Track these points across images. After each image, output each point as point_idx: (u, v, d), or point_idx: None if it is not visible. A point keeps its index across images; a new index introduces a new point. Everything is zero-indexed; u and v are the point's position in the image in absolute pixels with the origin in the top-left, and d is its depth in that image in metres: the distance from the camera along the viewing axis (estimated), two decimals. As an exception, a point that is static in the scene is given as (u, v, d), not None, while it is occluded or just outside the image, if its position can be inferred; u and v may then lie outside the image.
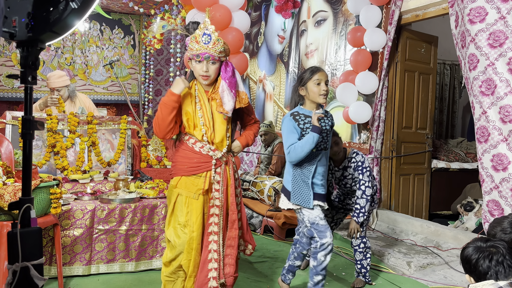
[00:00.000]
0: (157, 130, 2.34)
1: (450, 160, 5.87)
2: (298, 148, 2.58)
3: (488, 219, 3.28)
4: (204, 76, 2.31)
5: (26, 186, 1.46)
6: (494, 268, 1.77)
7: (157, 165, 4.44)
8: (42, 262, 1.44)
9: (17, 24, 1.37)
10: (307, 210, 2.68)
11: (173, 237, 2.35)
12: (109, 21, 7.64)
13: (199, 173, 2.37)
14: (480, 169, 3.26)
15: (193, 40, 2.29)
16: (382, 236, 4.47)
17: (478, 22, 3.17)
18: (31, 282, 1.40)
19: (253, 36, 7.50)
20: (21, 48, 1.42)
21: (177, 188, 2.37)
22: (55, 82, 4.48)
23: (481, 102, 3.18)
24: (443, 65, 7.50)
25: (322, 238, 2.65)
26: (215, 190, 2.39)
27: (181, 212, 2.35)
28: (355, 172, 3.15)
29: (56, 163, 3.81)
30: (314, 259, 2.69)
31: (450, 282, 3.34)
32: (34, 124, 1.45)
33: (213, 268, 2.33)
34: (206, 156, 2.37)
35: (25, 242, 1.39)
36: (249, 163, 7.09)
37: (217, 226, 2.37)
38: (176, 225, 2.35)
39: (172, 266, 2.38)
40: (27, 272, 1.39)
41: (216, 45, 2.27)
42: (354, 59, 4.93)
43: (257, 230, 4.66)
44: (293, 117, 2.66)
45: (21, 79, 1.44)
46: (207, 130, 2.36)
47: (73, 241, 3.10)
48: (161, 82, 8.25)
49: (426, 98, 5.24)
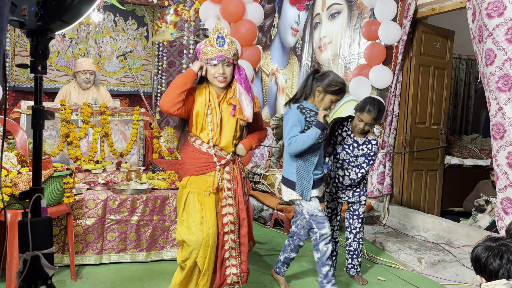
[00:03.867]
0: (163, 101, 2.29)
1: (464, 156, 5.80)
2: (299, 141, 2.61)
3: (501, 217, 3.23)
4: (222, 78, 2.32)
5: (36, 176, 1.46)
6: (505, 266, 1.75)
7: (169, 157, 4.46)
8: (53, 251, 1.44)
9: (26, 13, 1.36)
10: (306, 202, 2.72)
11: (187, 236, 2.33)
12: (123, 12, 7.65)
13: (207, 173, 2.40)
14: (495, 166, 3.21)
15: (207, 44, 2.30)
16: (393, 232, 4.44)
17: (496, 17, 3.10)
18: (41, 271, 1.40)
19: (266, 29, 7.46)
20: (31, 38, 1.41)
21: (187, 187, 2.39)
22: (89, 65, 4.73)
23: (497, 98, 3.12)
24: (458, 60, 7.39)
25: (321, 229, 2.70)
26: (227, 189, 2.42)
27: (195, 210, 2.35)
28: (361, 157, 3.07)
29: (69, 153, 3.85)
30: (317, 251, 2.73)
31: (461, 279, 3.31)
32: (44, 114, 1.44)
33: (230, 265, 2.40)
34: (213, 156, 2.40)
35: (36, 231, 1.38)
36: (260, 156, 7.08)
37: (233, 225, 2.42)
38: (191, 223, 2.34)
39: (186, 266, 2.35)
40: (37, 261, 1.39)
41: (230, 47, 2.30)
42: (368, 53, 4.88)
43: (267, 223, 4.66)
44: (300, 110, 2.68)
45: (31, 68, 1.43)
46: (214, 135, 2.38)
47: (85, 230, 3.13)
48: (174, 74, 8.26)
49: (440, 93, 5.17)
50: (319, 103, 2.70)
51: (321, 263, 2.72)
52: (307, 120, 2.66)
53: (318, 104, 2.70)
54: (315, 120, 2.67)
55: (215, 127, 2.37)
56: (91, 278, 2.99)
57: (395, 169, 4.97)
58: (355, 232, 3.21)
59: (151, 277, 3.07)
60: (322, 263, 2.72)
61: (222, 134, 2.40)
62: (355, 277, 3.24)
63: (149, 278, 3.04)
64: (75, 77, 4.78)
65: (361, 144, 3.08)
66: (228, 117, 2.40)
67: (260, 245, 3.93)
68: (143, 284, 2.94)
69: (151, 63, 7.97)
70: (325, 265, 2.71)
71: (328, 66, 5.89)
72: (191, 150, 2.42)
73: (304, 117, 2.65)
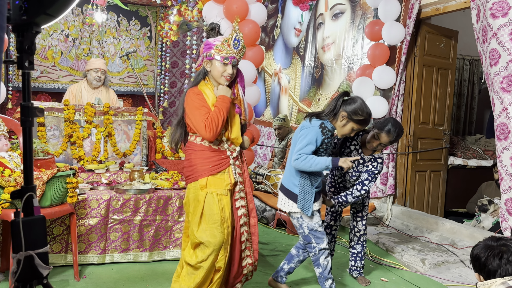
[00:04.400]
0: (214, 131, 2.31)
1: (468, 157, 5.77)
2: (308, 162, 2.57)
3: (505, 218, 3.22)
4: (229, 78, 2.42)
5: (27, 175, 1.42)
6: (504, 267, 1.75)
7: (172, 157, 4.46)
8: (47, 250, 1.42)
9: (11, 7, 1.33)
10: (307, 217, 2.68)
11: (207, 238, 2.33)
12: (126, 12, 7.67)
13: (222, 170, 2.42)
14: (499, 167, 3.20)
15: (225, 43, 2.37)
16: (396, 233, 4.43)
17: (501, 17, 3.09)
18: (35, 271, 1.38)
19: (269, 29, 7.46)
20: (16, 33, 1.38)
21: (207, 188, 2.38)
22: (101, 63, 4.78)
23: (501, 98, 3.11)
24: (462, 60, 7.36)
25: (320, 244, 2.69)
26: (240, 183, 2.49)
27: (216, 211, 2.36)
28: (365, 173, 2.97)
29: (72, 152, 3.86)
30: (318, 266, 2.71)
31: (465, 280, 3.30)
32: (33, 110, 1.41)
33: (246, 256, 2.51)
34: (224, 152, 2.45)
35: (29, 231, 1.36)
36: (262, 157, 7.08)
37: (246, 217, 2.51)
38: (211, 224, 2.35)
39: (203, 268, 2.34)
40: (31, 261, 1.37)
41: (241, 51, 2.42)
42: (371, 53, 4.87)
43: (270, 224, 4.66)
44: (321, 130, 2.63)
45: (18, 64, 1.39)
46: (226, 130, 2.44)
47: (88, 230, 3.14)
48: (177, 74, 8.27)
49: (444, 94, 5.15)
50: (340, 128, 2.66)
51: (323, 277, 2.71)
52: (324, 141, 2.64)
53: (339, 129, 2.66)
54: (330, 141, 2.67)
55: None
56: (94, 277, 2.99)
57: (399, 169, 4.96)
58: (359, 235, 3.19)
59: (154, 277, 3.07)
60: (324, 278, 2.71)
61: (233, 128, 2.46)
62: (358, 279, 3.23)
63: (151, 278, 3.04)
64: (85, 76, 4.81)
65: (367, 162, 2.99)
66: (233, 112, 2.49)
67: (263, 246, 3.92)
68: (145, 284, 2.94)
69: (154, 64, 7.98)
70: (328, 279, 2.71)
71: (331, 66, 5.88)
72: (200, 149, 2.42)
73: (323, 138, 2.63)
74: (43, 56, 7.26)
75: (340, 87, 5.70)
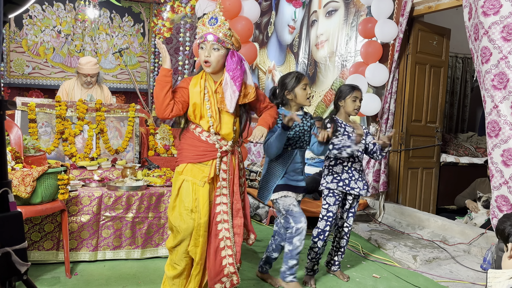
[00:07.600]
0: (156, 110, 2.31)
1: (460, 154, 5.81)
2: (269, 144, 2.68)
3: (496, 215, 3.24)
4: (206, 62, 2.27)
5: (1, 170, 1.38)
6: None
7: (164, 154, 4.45)
8: (25, 246, 1.40)
9: None
10: (281, 199, 2.77)
11: (178, 222, 2.34)
12: (119, 9, 7.63)
13: (205, 161, 2.36)
14: (490, 164, 3.22)
15: (200, 24, 2.30)
16: (389, 229, 4.45)
17: (492, 15, 3.11)
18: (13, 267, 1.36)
19: (263, 26, 7.45)
20: None
21: (183, 174, 2.37)
22: (91, 69, 4.64)
23: (492, 96, 3.13)
24: (455, 58, 7.40)
25: (297, 223, 2.73)
26: (222, 179, 2.40)
27: (188, 198, 2.34)
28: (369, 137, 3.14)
29: (64, 149, 3.84)
30: (290, 244, 2.76)
31: (456, 276, 3.32)
32: (4, 104, 1.38)
33: (227, 255, 2.37)
34: (212, 145, 2.36)
35: (5, 227, 1.33)
36: (256, 154, 7.08)
37: (226, 214, 2.39)
38: (183, 210, 2.34)
39: (177, 252, 2.38)
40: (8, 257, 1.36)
41: (221, 27, 2.24)
42: (364, 51, 4.88)
43: (263, 221, 4.66)
44: None
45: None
46: (214, 122, 2.34)
47: (80, 227, 3.12)
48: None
49: (436, 92, 5.18)
50: (296, 101, 2.78)
51: (290, 255, 2.76)
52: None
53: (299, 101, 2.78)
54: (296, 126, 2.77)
55: (214, 113, 2.33)
56: (86, 275, 2.98)
57: (391, 166, 4.98)
58: (347, 230, 3.17)
59: (146, 274, 3.06)
60: (291, 256, 2.76)
61: (222, 121, 2.35)
62: (337, 274, 3.23)
63: (144, 275, 3.03)
64: (78, 74, 4.72)
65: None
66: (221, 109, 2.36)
67: (256, 243, 3.92)
68: (138, 281, 2.94)
69: (147, 60, 7.95)
70: (294, 259, 2.76)
71: (325, 63, 5.89)
72: (190, 136, 2.39)
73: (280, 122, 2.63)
74: (35, 53, 7.21)
75: (334, 84, 5.71)
